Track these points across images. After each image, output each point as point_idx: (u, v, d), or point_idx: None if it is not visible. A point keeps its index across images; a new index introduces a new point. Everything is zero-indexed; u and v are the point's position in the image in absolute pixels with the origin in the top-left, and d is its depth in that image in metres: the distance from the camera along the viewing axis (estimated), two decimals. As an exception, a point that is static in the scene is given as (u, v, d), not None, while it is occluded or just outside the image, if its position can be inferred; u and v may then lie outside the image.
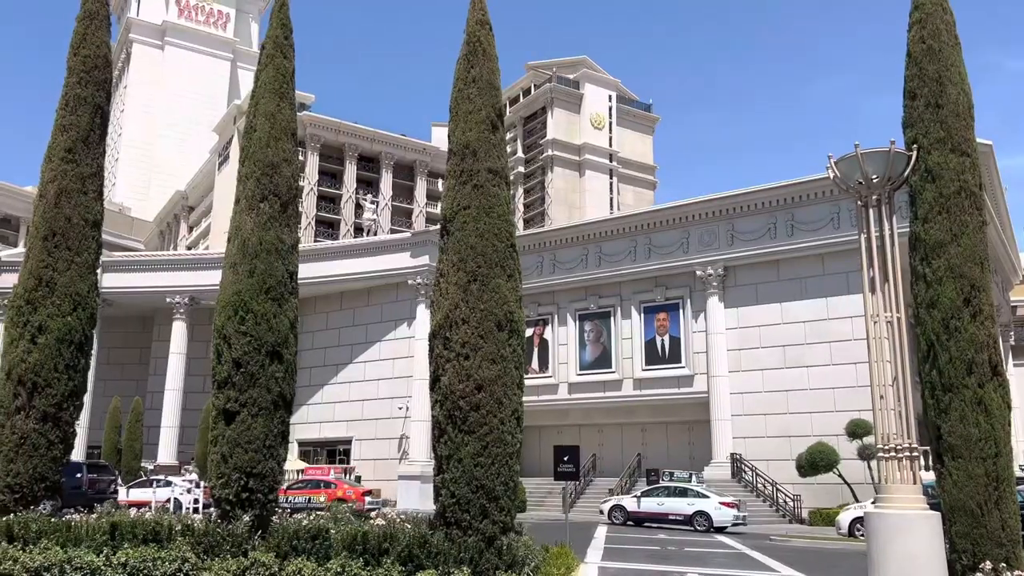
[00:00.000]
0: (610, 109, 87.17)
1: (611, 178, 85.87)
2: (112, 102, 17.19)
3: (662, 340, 39.24)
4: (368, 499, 30.75)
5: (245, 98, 76.45)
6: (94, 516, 14.05)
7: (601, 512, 31.53)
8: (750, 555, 19.84)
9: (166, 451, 42.17)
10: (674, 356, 38.72)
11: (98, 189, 15.44)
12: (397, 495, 37.13)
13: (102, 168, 15.68)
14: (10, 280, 41.05)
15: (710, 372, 37.06)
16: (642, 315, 39.90)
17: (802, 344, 35.36)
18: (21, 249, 54.51)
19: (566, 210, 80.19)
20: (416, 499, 35.01)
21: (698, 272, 37.84)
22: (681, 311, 38.87)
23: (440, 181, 79.70)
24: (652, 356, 39.34)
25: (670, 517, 29.31)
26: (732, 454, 35.76)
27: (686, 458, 38.85)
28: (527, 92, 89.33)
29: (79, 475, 26.95)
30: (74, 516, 13.96)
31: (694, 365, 38.02)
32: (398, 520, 14.03)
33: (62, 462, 14.77)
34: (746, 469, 35.16)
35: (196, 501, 27.89)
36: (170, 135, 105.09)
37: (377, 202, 73.66)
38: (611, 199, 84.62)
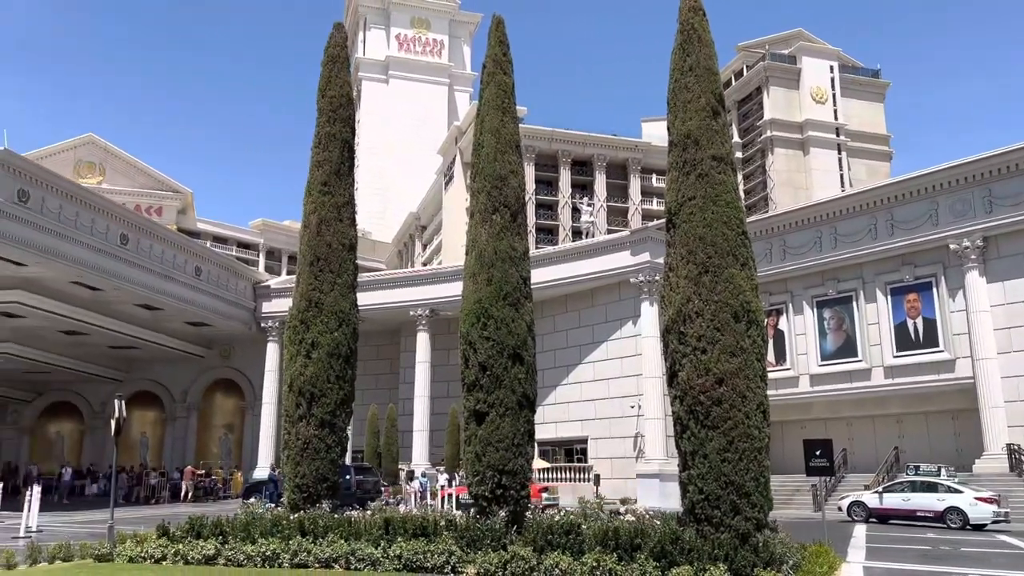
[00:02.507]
0: (832, 80, 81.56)
1: (839, 153, 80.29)
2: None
3: (914, 323, 35.92)
4: (545, 495, 30.98)
5: (464, 119, 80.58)
6: (368, 513, 15.50)
7: (840, 509, 29.58)
8: (1043, 557, 17.62)
9: (419, 453, 45.39)
10: (930, 340, 35.28)
11: (351, 216, 17.06)
12: (637, 493, 37.16)
13: (353, 196, 17.30)
14: (280, 304, 46.67)
15: (974, 355, 33.35)
16: (889, 297, 36.80)
17: (1089, 318, 30.81)
18: (285, 277, 61.42)
19: (791, 192, 76.09)
20: (656, 497, 34.84)
21: (951, 245, 34.25)
22: (934, 290, 35.37)
23: (654, 177, 78.88)
24: (904, 341, 36.14)
25: (917, 513, 26.98)
26: (1009, 445, 31.88)
27: (951, 451, 35.24)
28: (739, 74, 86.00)
29: (348, 476, 29.77)
30: (352, 513, 15.48)
31: (954, 348, 34.42)
32: (646, 517, 14.12)
33: (338, 464, 16.44)
34: (1029, 462, 31.21)
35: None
36: (399, 161, 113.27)
37: (593, 204, 74.36)
38: (841, 175, 79.08)
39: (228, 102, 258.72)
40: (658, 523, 13.18)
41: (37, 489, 24.13)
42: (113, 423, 18.23)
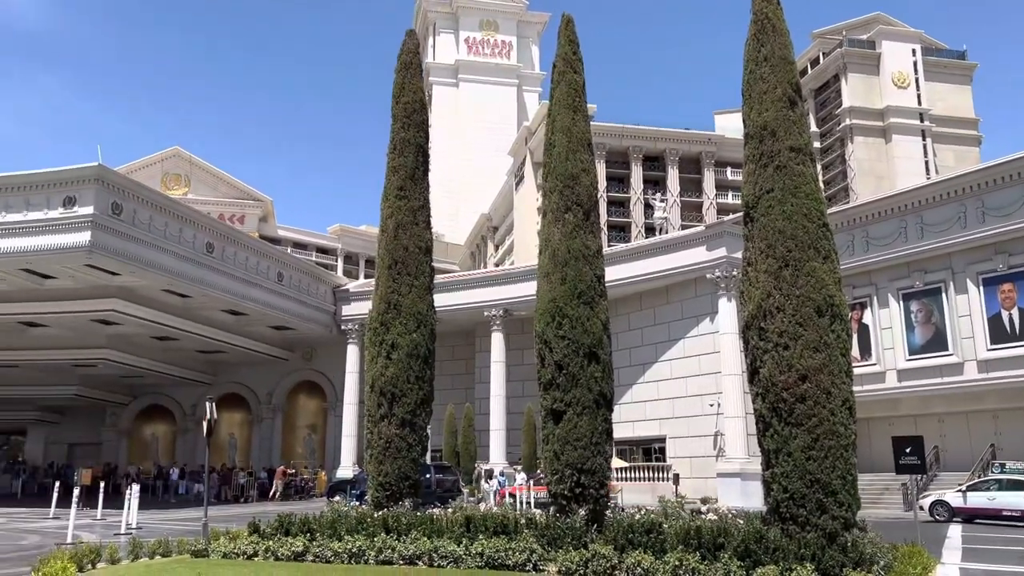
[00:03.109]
0: (914, 64, 78.51)
1: (924, 139, 77.25)
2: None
3: (1009, 315, 34.24)
4: None
5: (533, 119, 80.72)
6: (449, 511, 15.71)
7: (921, 508, 28.37)
8: None
9: (496, 452, 45.67)
10: (1027, 332, 33.60)
11: (426, 220, 17.34)
12: (717, 492, 36.52)
13: (428, 200, 17.58)
14: (358, 307, 47.68)
15: (1077, 347, 31.62)
16: (981, 288, 35.17)
17: None
18: (363, 280, 62.74)
19: (872, 181, 73.60)
20: (737, 496, 34.18)
21: (1049, 232, 32.57)
22: (1031, 279, 33.68)
23: (728, 170, 77.41)
24: (998, 334, 34.48)
25: (1004, 513, 25.85)
26: (1118, 442, 30.13)
27: (1053, 448, 33.49)
28: (815, 62, 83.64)
29: (428, 475, 30.21)
30: (434, 511, 15.73)
31: (1055, 340, 32.70)
32: (729, 516, 13.91)
33: (419, 463, 16.72)
34: None
35: None
36: (470, 163, 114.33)
37: (666, 200, 73.46)
38: (926, 163, 76.07)
39: (304, 110, 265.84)
40: (741, 522, 12.96)
41: (136, 488, 25.37)
42: (204, 424, 18.97)
